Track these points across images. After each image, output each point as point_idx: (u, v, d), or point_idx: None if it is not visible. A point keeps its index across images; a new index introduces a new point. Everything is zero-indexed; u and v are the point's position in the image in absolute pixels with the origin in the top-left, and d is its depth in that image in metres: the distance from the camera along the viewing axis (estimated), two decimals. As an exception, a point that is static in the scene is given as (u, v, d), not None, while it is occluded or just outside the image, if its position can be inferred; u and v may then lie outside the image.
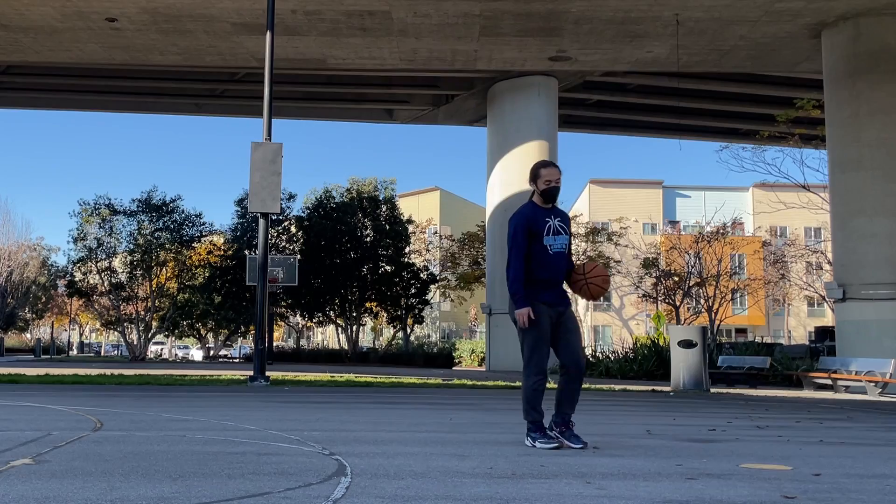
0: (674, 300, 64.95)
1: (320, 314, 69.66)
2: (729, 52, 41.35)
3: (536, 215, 9.05)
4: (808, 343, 56.02)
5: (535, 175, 9.15)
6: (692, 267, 64.59)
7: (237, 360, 74.82)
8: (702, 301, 64.86)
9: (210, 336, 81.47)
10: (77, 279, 65.56)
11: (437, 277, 76.96)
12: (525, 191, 47.83)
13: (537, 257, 8.92)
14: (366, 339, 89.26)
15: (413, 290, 68.73)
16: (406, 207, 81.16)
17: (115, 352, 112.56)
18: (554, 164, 9.19)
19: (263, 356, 24.66)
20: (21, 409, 11.99)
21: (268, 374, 24.55)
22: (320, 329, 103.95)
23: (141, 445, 8.18)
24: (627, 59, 43.17)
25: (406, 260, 70.39)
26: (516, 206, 36.10)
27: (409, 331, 74.65)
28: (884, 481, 6.75)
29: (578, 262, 10.47)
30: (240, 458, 7.33)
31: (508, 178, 48.75)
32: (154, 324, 67.33)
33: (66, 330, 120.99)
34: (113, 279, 64.86)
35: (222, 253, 67.37)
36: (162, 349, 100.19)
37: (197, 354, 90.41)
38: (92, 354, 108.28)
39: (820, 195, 50.37)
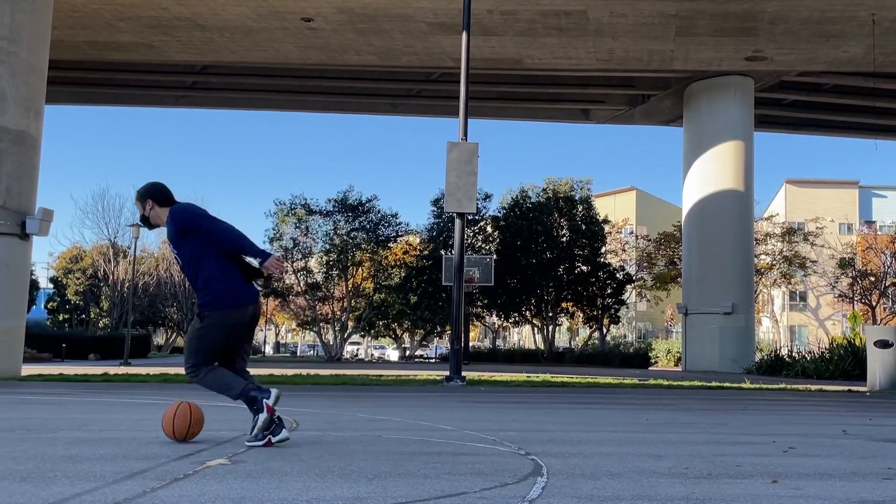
0: (870, 300, 63.73)
1: (516, 314, 69.73)
2: (927, 52, 40.35)
3: None
4: None
5: None
6: (889, 267, 63.18)
7: (433, 361, 75.41)
8: (899, 301, 63.45)
9: (406, 336, 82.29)
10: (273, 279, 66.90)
11: (633, 277, 76.57)
12: (722, 191, 46.96)
13: None
14: (562, 340, 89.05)
15: (609, 290, 68.35)
16: (602, 207, 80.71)
17: (311, 352, 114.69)
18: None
19: (459, 356, 24.78)
20: (216, 408, 12.21)
21: (464, 374, 24.67)
22: (516, 329, 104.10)
23: (336, 445, 8.27)
24: (823, 59, 42.54)
25: (602, 260, 69.99)
26: (713, 206, 35.70)
27: (604, 331, 74.23)
28: None
29: None
30: (435, 459, 7.35)
31: (705, 178, 48.15)
32: (350, 324, 68.23)
33: (261, 330, 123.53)
34: (309, 279, 65.99)
35: (418, 253, 67.92)
36: (358, 349, 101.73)
37: (393, 354, 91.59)
38: (288, 354, 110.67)
39: None
